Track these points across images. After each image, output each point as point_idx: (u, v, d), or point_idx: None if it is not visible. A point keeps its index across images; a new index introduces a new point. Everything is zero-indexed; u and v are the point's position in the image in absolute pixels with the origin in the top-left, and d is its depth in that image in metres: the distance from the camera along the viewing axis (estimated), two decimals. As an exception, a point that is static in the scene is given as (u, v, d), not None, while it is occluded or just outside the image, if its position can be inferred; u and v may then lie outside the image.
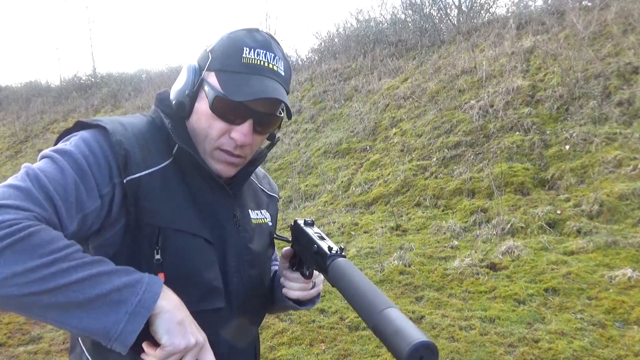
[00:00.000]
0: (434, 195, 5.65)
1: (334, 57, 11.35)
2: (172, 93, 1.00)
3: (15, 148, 13.38)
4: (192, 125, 0.98)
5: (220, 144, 0.95)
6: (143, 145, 0.91)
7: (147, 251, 0.87)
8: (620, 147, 4.93)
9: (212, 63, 0.94)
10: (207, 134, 0.95)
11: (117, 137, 0.87)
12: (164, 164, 0.93)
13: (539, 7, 9.24)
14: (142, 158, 0.89)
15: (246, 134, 0.94)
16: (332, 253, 0.90)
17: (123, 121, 0.93)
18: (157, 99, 1.04)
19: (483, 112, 6.40)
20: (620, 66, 5.84)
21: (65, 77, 18.62)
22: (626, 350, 2.77)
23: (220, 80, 0.92)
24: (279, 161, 8.16)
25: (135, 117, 0.99)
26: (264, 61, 0.94)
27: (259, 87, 0.92)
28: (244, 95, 0.90)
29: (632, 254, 3.71)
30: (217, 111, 0.93)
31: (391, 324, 0.68)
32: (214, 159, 0.97)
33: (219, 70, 0.93)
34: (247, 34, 0.96)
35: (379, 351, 3.08)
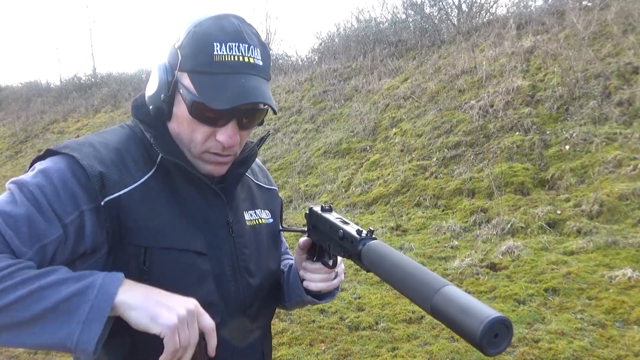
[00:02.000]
0: (434, 195, 5.65)
1: (334, 57, 11.35)
2: (147, 98, 0.94)
3: (15, 148, 13.38)
4: (174, 129, 0.92)
5: (207, 147, 0.90)
6: (119, 163, 0.87)
7: (135, 272, 0.82)
8: (620, 147, 4.93)
9: (183, 63, 0.87)
10: (191, 138, 0.90)
11: (87, 162, 0.82)
12: (146, 177, 0.88)
13: (539, 7, 9.24)
14: (119, 177, 0.85)
15: (232, 136, 0.89)
16: (362, 236, 0.83)
17: (95, 142, 0.88)
18: (133, 108, 0.97)
19: (483, 112, 6.40)
20: (620, 66, 5.84)
21: (65, 77, 18.63)
22: (626, 350, 2.77)
23: (195, 83, 0.85)
24: (279, 161, 8.16)
25: (112, 132, 0.94)
26: (237, 56, 0.86)
27: (237, 90, 0.85)
28: (222, 102, 0.84)
29: (632, 254, 3.71)
30: (198, 116, 0.87)
31: (454, 302, 0.62)
32: (203, 161, 0.93)
33: (191, 72, 0.86)
34: (215, 24, 0.87)
35: (379, 351, 3.08)
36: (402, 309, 3.59)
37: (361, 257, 0.81)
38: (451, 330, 0.63)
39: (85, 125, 12.91)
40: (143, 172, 0.88)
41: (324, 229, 0.97)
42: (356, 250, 0.83)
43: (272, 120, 9.48)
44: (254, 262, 0.99)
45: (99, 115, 13.36)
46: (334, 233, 0.92)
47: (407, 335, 3.24)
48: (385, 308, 3.64)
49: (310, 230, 1.04)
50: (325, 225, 0.96)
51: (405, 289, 0.70)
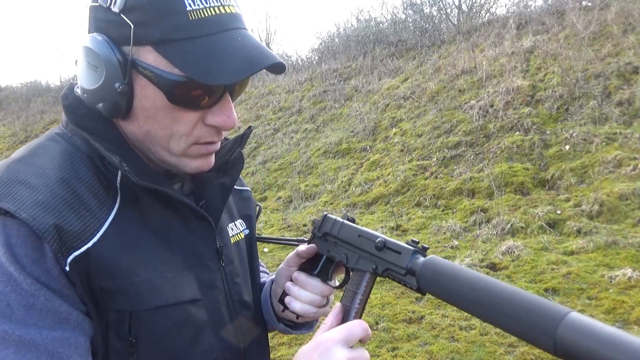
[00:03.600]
0: (434, 195, 5.65)
1: (334, 57, 11.35)
2: (87, 94, 0.67)
3: (15, 148, 13.39)
4: (136, 129, 0.67)
5: (196, 138, 0.68)
6: (73, 201, 0.61)
7: (117, 346, 0.62)
8: (620, 147, 4.93)
9: (139, 32, 0.60)
10: (170, 132, 0.66)
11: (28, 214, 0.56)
12: (113, 213, 0.64)
13: (539, 7, 9.24)
14: (80, 223, 0.60)
15: (229, 114, 0.67)
16: (416, 247, 0.68)
17: (24, 174, 0.60)
18: (68, 112, 0.69)
19: (483, 112, 6.40)
20: (620, 66, 5.84)
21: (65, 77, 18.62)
22: (626, 350, 2.77)
23: (171, 56, 0.60)
24: (279, 161, 8.16)
25: (42, 152, 0.65)
26: (216, 7, 0.62)
27: (237, 54, 0.62)
28: (226, 74, 0.61)
29: (632, 254, 3.71)
30: (182, 101, 0.63)
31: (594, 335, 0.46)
32: (190, 157, 0.70)
33: (159, 42, 0.60)
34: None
35: (379, 351, 3.08)
36: (402, 309, 3.59)
37: (417, 275, 0.65)
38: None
39: (85, 125, 12.92)
40: (107, 206, 0.64)
41: (346, 237, 0.79)
42: (404, 265, 0.68)
43: (272, 120, 9.48)
44: (246, 291, 0.82)
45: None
46: (365, 243, 0.75)
47: (407, 335, 3.24)
48: (385, 308, 3.64)
49: (319, 239, 0.85)
50: (351, 234, 0.79)
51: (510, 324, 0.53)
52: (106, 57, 0.62)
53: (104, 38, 0.63)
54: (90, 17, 0.65)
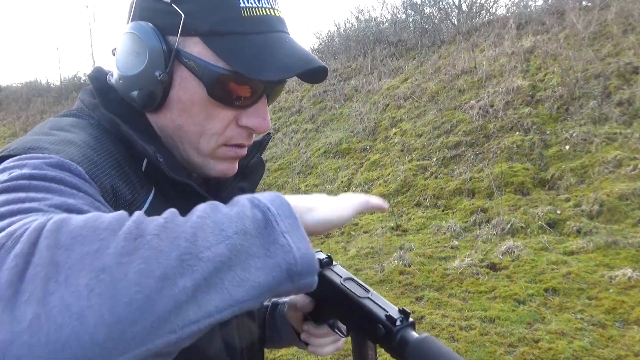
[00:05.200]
0: (434, 195, 5.65)
1: (334, 57, 11.35)
2: (123, 80, 0.65)
3: (15, 148, 13.40)
4: (167, 122, 0.66)
5: (227, 138, 0.67)
6: (120, 170, 0.60)
7: None
8: (620, 147, 4.93)
9: (189, 22, 0.60)
10: (202, 129, 0.65)
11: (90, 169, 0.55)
12: (152, 195, 0.63)
13: (539, 7, 9.24)
14: (130, 193, 0.60)
15: (264, 116, 0.67)
16: (397, 326, 0.62)
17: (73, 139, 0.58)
18: (100, 95, 0.66)
19: (483, 112, 6.40)
20: (620, 66, 5.84)
21: (66, 77, 18.62)
22: (626, 350, 2.77)
23: (218, 49, 0.60)
24: (279, 161, 8.16)
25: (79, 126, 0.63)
26: (267, 8, 0.63)
27: (287, 54, 0.62)
28: (275, 71, 0.60)
29: (632, 254, 3.71)
30: (221, 96, 0.62)
31: None
32: (217, 159, 0.68)
33: (209, 34, 0.60)
34: None
35: (379, 351, 3.08)
36: (402, 309, 3.59)
37: (405, 354, 0.61)
38: None
39: (85, 125, 12.93)
40: (146, 188, 0.64)
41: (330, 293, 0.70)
42: (392, 344, 0.63)
43: (272, 120, 9.49)
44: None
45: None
46: (350, 306, 0.68)
47: (407, 335, 3.24)
48: (385, 308, 3.64)
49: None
50: (333, 291, 0.70)
51: None
52: (151, 43, 0.61)
53: (150, 25, 0.62)
54: (134, 5, 0.64)
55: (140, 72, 0.62)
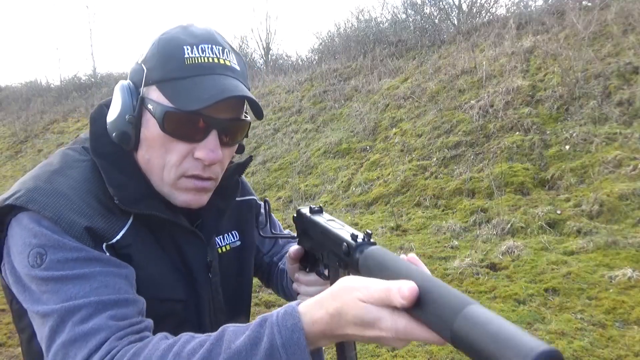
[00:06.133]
0: (434, 195, 5.65)
1: (334, 57, 11.35)
2: (109, 125, 0.82)
3: (15, 148, 13.38)
4: (143, 156, 0.81)
5: (184, 170, 0.80)
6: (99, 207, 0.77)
7: None
8: (620, 147, 4.93)
9: (149, 75, 0.77)
10: (164, 162, 0.79)
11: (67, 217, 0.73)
12: (129, 221, 0.79)
13: (539, 7, 9.25)
14: (106, 223, 0.76)
15: (213, 149, 0.78)
16: (358, 242, 0.69)
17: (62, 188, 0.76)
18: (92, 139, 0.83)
19: (483, 112, 6.40)
20: (620, 66, 5.84)
21: (65, 77, 18.65)
22: (626, 350, 2.77)
23: (165, 92, 0.76)
24: (279, 161, 8.16)
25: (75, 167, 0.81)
26: (211, 57, 0.78)
27: (214, 88, 0.75)
28: (198, 101, 0.74)
29: (632, 254, 3.71)
30: (171, 130, 0.77)
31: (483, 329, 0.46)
32: (180, 190, 0.81)
33: (160, 82, 0.77)
34: (182, 31, 0.79)
35: (379, 351, 3.08)
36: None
37: (359, 268, 0.66)
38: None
39: (85, 125, 12.91)
40: (126, 215, 0.79)
41: (314, 234, 0.83)
42: (353, 259, 0.69)
43: (272, 120, 9.48)
44: (227, 300, 0.94)
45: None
46: (326, 239, 0.78)
47: (407, 335, 3.24)
48: (385, 308, 3.64)
49: (301, 236, 0.90)
50: (316, 230, 0.82)
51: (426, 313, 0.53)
52: (125, 96, 0.79)
53: (129, 84, 0.81)
54: (129, 71, 0.84)
55: (116, 117, 0.80)
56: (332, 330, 0.58)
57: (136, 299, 0.74)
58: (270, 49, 14.56)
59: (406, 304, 0.52)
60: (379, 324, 0.55)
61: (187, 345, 0.64)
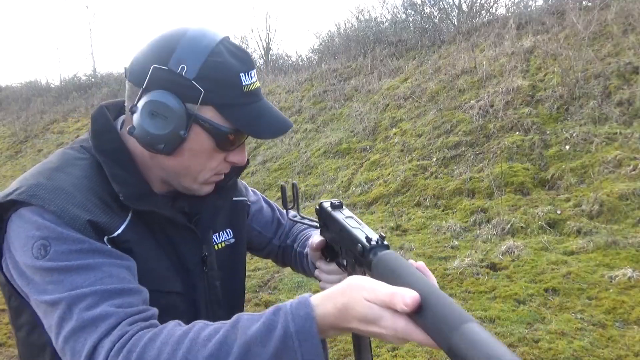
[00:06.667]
0: (434, 195, 5.65)
1: (334, 57, 11.34)
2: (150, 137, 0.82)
3: (15, 148, 13.38)
4: (177, 162, 0.86)
5: (218, 170, 0.90)
6: (99, 204, 0.81)
7: None
8: (620, 147, 4.93)
9: (207, 96, 0.81)
10: (204, 167, 0.88)
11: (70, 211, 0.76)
12: (129, 216, 0.84)
13: (539, 7, 9.25)
14: (108, 219, 0.80)
15: (245, 154, 0.92)
16: (372, 245, 0.71)
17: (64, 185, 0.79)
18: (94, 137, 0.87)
19: (483, 112, 6.40)
20: (620, 66, 5.84)
21: (65, 77, 18.63)
22: (626, 350, 2.77)
23: (227, 115, 0.83)
24: (279, 161, 8.16)
25: (76, 165, 0.84)
26: (254, 83, 0.87)
27: (274, 118, 0.87)
28: (269, 132, 0.86)
29: (632, 254, 3.71)
30: (223, 146, 0.86)
31: (478, 349, 0.49)
32: (206, 184, 0.91)
33: (220, 105, 0.83)
34: (229, 52, 0.84)
35: (379, 351, 3.08)
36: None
37: (372, 270, 0.69)
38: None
39: (85, 125, 12.91)
40: (125, 210, 0.84)
41: (334, 229, 0.89)
42: (366, 260, 0.72)
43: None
44: (224, 293, 0.99)
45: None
46: (344, 236, 0.83)
47: (407, 335, 3.24)
48: (385, 308, 3.64)
49: (322, 227, 0.96)
50: (335, 226, 0.87)
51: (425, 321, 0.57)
52: (176, 109, 0.81)
53: (175, 97, 0.81)
54: (152, 75, 0.81)
55: (168, 132, 0.82)
56: (338, 322, 0.63)
57: (140, 289, 0.78)
58: (270, 49, 14.56)
59: (407, 311, 0.57)
60: (380, 322, 0.60)
61: (202, 331, 0.67)
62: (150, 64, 0.81)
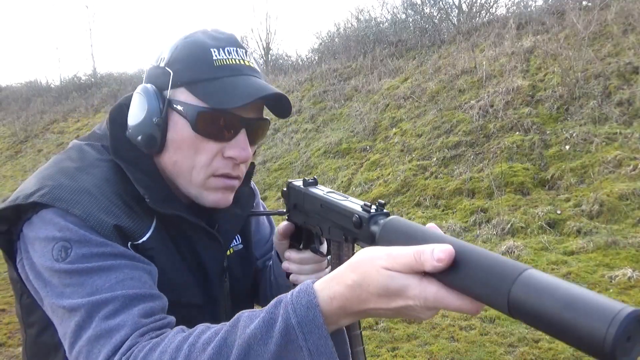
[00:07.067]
0: (434, 195, 5.65)
1: (334, 57, 11.34)
2: (132, 129, 0.81)
3: (15, 148, 13.39)
4: (169, 159, 0.82)
5: (214, 169, 0.81)
6: (124, 208, 0.77)
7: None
8: (620, 147, 4.93)
9: (176, 77, 0.78)
10: (193, 163, 0.80)
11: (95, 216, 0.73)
12: (154, 223, 0.80)
13: (539, 7, 9.25)
14: (133, 224, 0.77)
15: (244, 147, 0.81)
16: (372, 213, 0.63)
17: (87, 186, 0.76)
18: (112, 139, 0.83)
19: (483, 112, 6.40)
20: (620, 66, 5.84)
21: (65, 77, 18.63)
22: (626, 350, 2.77)
23: (197, 92, 0.77)
24: (279, 161, 8.16)
25: (98, 165, 0.80)
26: (237, 59, 0.80)
27: (248, 87, 0.78)
28: (236, 100, 0.76)
29: (632, 254, 3.71)
30: (203, 130, 0.78)
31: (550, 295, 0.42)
32: (209, 189, 0.83)
33: (190, 83, 0.78)
34: (205, 35, 0.81)
35: (379, 351, 3.08)
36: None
37: (377, 240, 0.60)
38: (548, 333, 0.43)
39: (85, 125, 12.91)
40: (150, 216, 0.80)
41: (312, 208, 0.78)
42: (367, 231, 0.63)
43: (272, 120, 9.47)
44: (235, 302, 0.94)
45: (99, 115, 13.36)
46: (329, 212, 0.73)
47: (407, 335, 3.24)
48: (385, 308, 3.64)
49: (291, 211, 0.86)
50: (315, 204, 0.77)
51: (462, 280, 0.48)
52: (150, 99, 0.79)
53: (151, 86, 0.80)
54: (146, 75, 0.83)
55: (141, 120, 0.79)
56: (352, 305, 0.55)
57: (161, 295, 0.75)
58: (270, 48, 14.55)
59: (440, 267, 0.48)
60: (405, 292, 0.51)
61: (202, 335, 0.63)
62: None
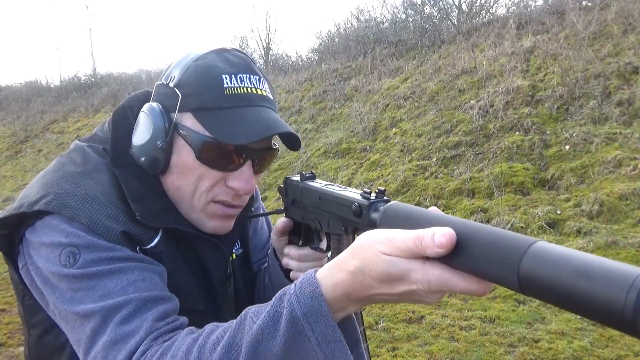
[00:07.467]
0: (434, 195, 5.65)
1: (334, 57, 11.34)
2: (136, 148, 0.79)
3: (15, 148, 13.38)
4: (172, 182, 0.80)
5: (214, 195, 0.80)
6: (132, 216, 0.76)
7: None
8: (620, 147, 4.93)
9: (184, 102, 0.76)
10: (195, 188, 0.79)
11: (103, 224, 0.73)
12: (159, 235, 0.79)
13: (539, 7, 9.24)
14: (140, 230, 0.76)
15: (248, 180, 0.79)
16: (372, 200, 0.62)
17: (94, 193, 0.75)
18: (113, 147, 0.81)
19: (483, 112, 6.40)
20: (620, 66, 5.84)
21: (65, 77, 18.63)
22: (626, 350, 2.77)
23: (203, 121, 0.75)
24: (279, 161, 8.16)
25: (102, 170, 0.79)
26: (249, 87, 0.77)
27: (257, 122, 0.75)
28: (242, 136, 0.74)
29: (632, 254, 3.71)
30: (207, 160, 0.76)
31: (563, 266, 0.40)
32: (208, 215, 0.82)
33: (198, 110, 0.75)
34: (218, 57, 0.78)
35: (379, 351, 3.08)
36: (402, 308, 3.59)
37: (378, 227, 0.59)
38: (563, 307, 0.41)
39: (85, 125, 12.91)
40: (154, 227, 0.79)
41: (311, 202, 0.77)
42: (368, 219, 0.62)
43: (272, 120, 9.48)
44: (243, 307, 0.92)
45: (99, 115, 13.36)
46: (328, 204, 0.72)
47: (407, 335, 3.24)
48: (385, 308, 3.64)
49: (289, 207, 0.85)
50: (313, 197, 0.76)
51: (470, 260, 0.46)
52: (156, 120, 0.77)
53: (159, 106, 0.78)
54: (154, 92, 0.81)
55: (146, 142, 0.77)
56: (356, 291, 0.54)
57: (172, 296, 0.74)
58: (270, 48, 14.55)
59: (441, 252, 0.47)
60: (408, 276, 0.50)
61: (211, 335, 0.63)
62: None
